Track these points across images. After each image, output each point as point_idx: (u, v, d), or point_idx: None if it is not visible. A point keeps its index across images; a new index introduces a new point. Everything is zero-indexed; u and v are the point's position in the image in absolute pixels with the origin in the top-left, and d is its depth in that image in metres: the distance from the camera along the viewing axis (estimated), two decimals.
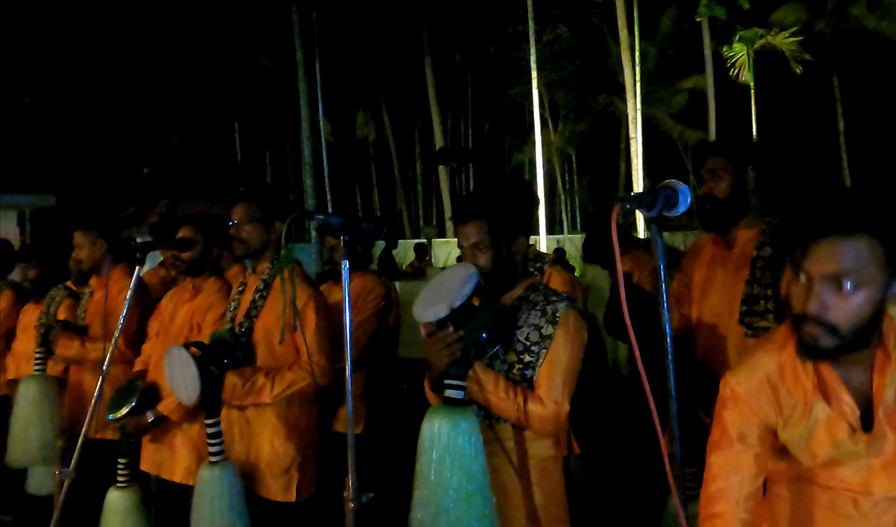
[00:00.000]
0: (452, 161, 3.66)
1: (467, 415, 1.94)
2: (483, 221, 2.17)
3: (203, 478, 2.74)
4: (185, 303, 3.31)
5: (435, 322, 2.03)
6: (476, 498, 1.87)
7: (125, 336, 3.51)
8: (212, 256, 3.30)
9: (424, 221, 35.38)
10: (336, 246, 3.76)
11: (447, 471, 1.87)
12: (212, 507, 2.69)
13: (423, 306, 2.07)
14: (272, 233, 3.04)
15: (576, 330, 2.15)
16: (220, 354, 2.82)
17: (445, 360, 2.00)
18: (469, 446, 1.89)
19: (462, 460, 1.88)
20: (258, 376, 2.82)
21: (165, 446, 3.20)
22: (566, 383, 2.10)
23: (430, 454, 1.90)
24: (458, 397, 1.98)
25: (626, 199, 1.53)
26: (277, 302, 2.90)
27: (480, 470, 1.91)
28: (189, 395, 2.75)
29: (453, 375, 1.98)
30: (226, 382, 2.78)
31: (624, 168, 26.84)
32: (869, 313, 1.46)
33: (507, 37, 26.86)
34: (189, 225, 3.27)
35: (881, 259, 1.44)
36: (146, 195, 19.96)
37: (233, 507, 2.71)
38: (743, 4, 22.78)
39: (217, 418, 2.79)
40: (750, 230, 2.68)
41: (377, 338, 3.76)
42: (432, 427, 1.92)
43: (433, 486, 1.88)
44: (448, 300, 2.00)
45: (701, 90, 24.75)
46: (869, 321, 1.47)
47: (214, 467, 2.75)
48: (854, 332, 1.47)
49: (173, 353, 2.80)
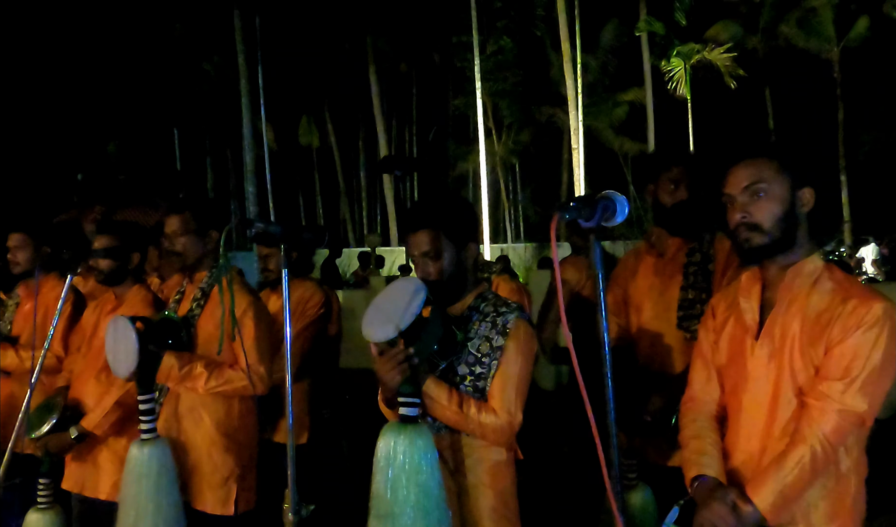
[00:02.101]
0: (397, 169, 3.68)
1: (423, 432, 1.95)
2: (434, 229, 2.16)
3: (132, 456, 2.63)
4: (108, 314, 3.21)
5: (386, 341, 2.01)
6: (433, 514, 1.89)
7: (63, 345, 3.40)
8: (131, 264, 3.21)
9: (368, 230, 35.20)
10: (270, 254, 3.72)
11: (403, 489, 1.88)
12: (139, 485, 2.59)
13: (372, 324, 2.04)
14: (208, 242, 2.97)
15: (526, 341, 2.16)
16: (165, 334, 2.76)
17: (398, 378, 1.99)
18: (425, 463, 1.91)
19: (419, 477, 1.89)
20: (197, 364, 2.76)
21: (89, 463, 3.09)
22: (519, 394, 2.12)
23: (386, 472, 1.91)
24: (413, 414, 1.97)
25: (565, 209, 1.55)
26: (215, 311, 2.84)
27: (437, 486, 1.92)
28: (126, 367, 2.66)
29: (406, 393, 1.98)
30: (163, 362, 2.71)
31: (566, 178, 27.22)
32: (782, 211, 1.84)
33: (451, 47, 27.01)
34: (106, 233, 3.18)
35: (780, 172, 1.84)
36: (80, 202, 19.34)
37: (161, 487, 2.61)
38: (680, 20, 23.49)
39: (151, 395, 2.71)
40: (679, 238, 2.78)
41: (319, 346, 3.73)
42: (388, 445, 1.93)
43: (390, 504, 1.88)
44: (397, 319, 1.98)
45: (640, 103, 25.41)
46: (785, 219, 1.84)
47: (144, 445, 2.65)
48: (776, 228, 1.84)
49: (118, 323, 2.71)
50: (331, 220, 37.23)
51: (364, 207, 36.85)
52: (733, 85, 24.19)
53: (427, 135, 33.60)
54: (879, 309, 1.74)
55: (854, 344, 1.73)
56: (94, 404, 3.05)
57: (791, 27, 24.46)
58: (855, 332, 1.73)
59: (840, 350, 1.74)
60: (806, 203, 1.87)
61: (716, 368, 2.04)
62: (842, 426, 1.73)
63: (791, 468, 1.72)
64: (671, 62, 23.99)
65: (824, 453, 1.72)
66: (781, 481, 1.73)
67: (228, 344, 2.81)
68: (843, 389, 1.72)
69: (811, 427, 1.73)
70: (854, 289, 1.82)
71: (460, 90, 27.51)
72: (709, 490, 1.84)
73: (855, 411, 1.73)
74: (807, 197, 1.87)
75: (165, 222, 2.97)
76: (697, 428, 1.99)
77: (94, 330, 3.23)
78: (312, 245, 2.74)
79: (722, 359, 2.01)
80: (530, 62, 26.82)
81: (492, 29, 25.38)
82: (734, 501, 1.76)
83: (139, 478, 2.60)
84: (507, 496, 2.20)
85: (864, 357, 1.72)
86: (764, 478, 1.76)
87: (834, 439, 1.73)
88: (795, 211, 1.86)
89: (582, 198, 1.60)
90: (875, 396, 1.74)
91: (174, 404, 2.88)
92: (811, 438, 1.72)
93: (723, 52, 23.60)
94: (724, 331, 2.01)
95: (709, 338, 2.07)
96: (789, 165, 1.86)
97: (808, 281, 1.85)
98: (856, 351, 1.73)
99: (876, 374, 1.73)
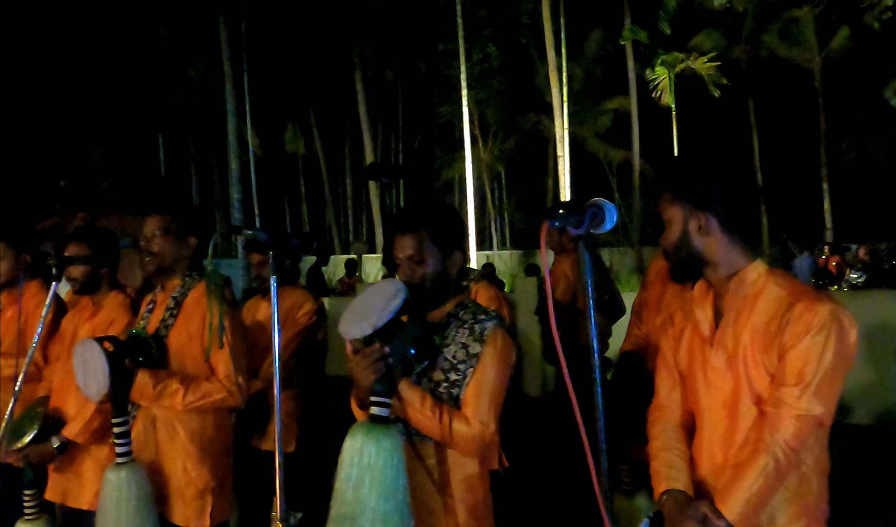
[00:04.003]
0: (383, 177, 3.68)
1: (391, 433, 1.90)
2: (422, 232, 2.14)
3: (108, 480, 2.58)
4: (86, 321, 3.17)
5: (361, 339, 1.98)
6: (394, 518, 1.83)
7: (42, 353, 3.36)
8: (105, 269, 3.17)
9: (354, 237, 35.14)
10: (262, 262, 3.69)
11: (365, 489, 1.83)
12: (117, 510, 2.53)
13: (349, 322, 2.01)
14: (185, 248, 2.89)
15: (503, 349, 2.12)
16: (135, 352, 2.68)
17: (371, 377, 1.95)
18: (390, 466, 1.85)
19: (382, 479, 1.84)
20: (172, 381, 2.68)
21: (72, 473, 3.05)
22: (493, 403, 2.07)
23: (349, 471, 1.86)
24: (384, 414, 1.94)
25: (555, 216, 1.56)
26: (189, 320, 2.78)
27: (401, 490, 1.87)
28: (98, 390, 2.59)
29: (379, 393, 1.94)
30: (136, 381, 2.64)
31: (552, 185, 27.32)
32: (677, 238, 1.93)
33: (437, 54, 27.07)
34: (78, 241, 3.13)
35: (672, 201, 1.93)
36: (63, 208, 19.22)
37: (140, 509, 2.56)
38: (664, 29, 23.68)
39: (125, 417, 2.65)
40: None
41: (309, 354, 3.71)
42: (354, 444, 1.88)
43: (350, 504, 1.83)
44: (375, 316, 1.94)
45: (625, 111, 25.56)
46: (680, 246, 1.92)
47: (121, 469, 2.60)
48: (676, 253, 1.94)
49: (85, 346, 2.64)
50: (316, 227, 37.13)
51: (350, 215, 36.81)
52: (717, 94, 24.40)
53: (413, 142, 33.62)
54: (826, 312, 1.76)
55: (805, 349, 1.76)
56: (76, 413, 3.01)
57: (773, 37, 24.72)
58: (805, 336, 1.76)
59: (792, 355, 1.77)
60: (702, 227, 1.90)
61: (679, 375, 2.07)
62: (801, 431, 1.76)
63: (756, 477, 1.75)
64: (656, 71, 24.17)
65: (787, 460, 1.75)
66: (748, 490, 1.75)
67: (203, 357, 2.77)
68: (799, 395, 1.74)
69: (772, 435, 1.76)
70: (799, 293, 1.83)
71: (446, 98, 27.57)
72: (679, 506, 1.85)
73: (812, 414, 1.75)
74: (702, 222, 1.90)
75: (145, 222, 2.88)
76: (665, 439, 2.00)
77: (73, 338, 3.18)
78: (300, 252, 2.71)
79: (682, 367, 2.05)
80: (516, 70, 26.92)
81: (477, 37, 25.45)
82: (705, 514, 1.78)
83: (117, 502, 2.54)
84: (480, 509, 2.15)
85: (815, 361, 1.75)
86: (730, 489, 1.77)
87: (795, 444, 1.76)
88: (688, 237, 1.91)
89: (570, 204, 1.60)
90: (830, 397, 1.77)
91: (148, 417, 2.81)
92: (773, 445, 1.75)
93: (706, 61, 23.81)
94: (683, 339, 2.04)
95: (670, 346, 2.09)
96: (681, 194, 1.91)
97: (751, 289, 1.87)
98: (807, 356, 1.75)
99: (829, 376, 1.75)
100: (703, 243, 1.90)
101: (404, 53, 28.83)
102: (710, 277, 1.94)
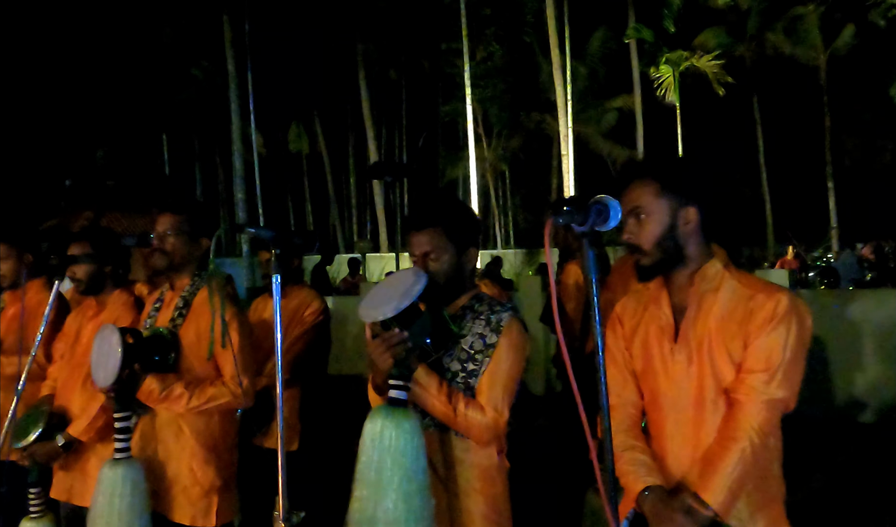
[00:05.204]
0: (387, 176, 3.67)
1: (410, 416, 1.93)
2: (438, 228, 2.17)
3: (104, 475, 2.57)
4: (90, 321, 3.17)
5: (380, 323, 2.01)
6: (415, 499, 1.86)
7: (45, 352, 3.36)
8: (109, 268, 3.16)
9: (358, 236, 35.16)
10: (270, 260, 3.69)
11: (388, 471, 1.86)
12: (111, 506, 2.52)
13: (369, 307, 2.04)
14: (196, 249, 2.89)
15: (518, 340, 2.16)
16: (152, 351, 2.70)
17: (390, 361, 1.98)
18: (411, 447, 1.89)
19: (403, 460, 1.87)
20: (176, 386, 2.68)
21: (77, 471, 3.05)
22: (507, 392, 2.11)
23: (370, 454, 1.89)
24: (402, 397, 1.97)
25: (559, 213, 1.55)
26: (198, 320, 2.78)
27: (421, 471, 1.90)
28: (105, 377, 2.60)
29: (397, 376, 1.98)
30: (143, 384, 2.64)
31: (556, 184, 27.29)
32: (660, 233, 1.91)
33: (440, 53, 27.07)
34: (81, 241, 3.13)
35: (659, 195, 1.92)
36: (68, 207, 19.27)
37: (133, 507, 2.55)
38: (669, 27, 23.62)
39: (128, 413, 2.66)
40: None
41: (315, 353, 3.71)
42: (374, 427, 1.91)
43: (373, 485, 1.86)
44: (395, 301, 1.98)
45: (629, 109, 25.54)
46: (664, 240, 1.91)
47: (117, 465, 2.59)
48: (657, 249, 1.92)
49: (109, 334, 2.63)
50: (320, 226, 37.17)
51: (354, 214, 36.83)
52: (721, 92, 24.33)
53: (417, 141, 33.64)
54: (786, 300, 1.84)
55: (770, 337, 1.82)
56: (80, 411, 3.01)
57: (778, 35, 24.69)
58: (768, 324, 1.83)
59: (758, 344, 1.83)
60: (689, 221, 1.93)
61: (630, 373, 2.06)
62: (771, 415, 1.83)
63: (735, 464, 1.79)
64: (660, 69, 24.12)
65: (761, 444, 1.80)
66: (728, 476, 1.78)
67: (207, 358, 2.76)
68: (768, 380, 1.80)
69: (746, 421, 1.81)
70: (756, 285, 1.91)
71: (450, 96, 27.58)
72: (662, 501, 1.85)
73: (779, 398, 1.82)
74: (690, 216, 1.93)
75: (157, 219, 2.88)
76: (624, 439, 1.99)
77: (77, 337, 3.19)
78: (302, 250, 2.71)
79: (637, 366, 2.04)
80: (519, 69, 26.92)
81: (481, 36, 25.45)
82: (690, 505, 1.79)
83: (111, 498, 2.53)
84: (499, 502, 2.18)
85: (780, 348, 1.81)
86: (711, 477, 1.80)
87: (766, 428, 1.82)
88: (676, 231, 1.93)
89: (574, 201, 1.60)
90: (794, 382, 1.84)
91: (154, 416, 2.81)
92: (748, 430, 1.80)
93: (711, 59, 23.75)
94: (636, 338, 2.04)
95: (619, 345, 2.08)
96: (669, 187, 1.93)
97: (712, 284, 1.93)
98: (772, 344, 1.82)
99: (793, 361, 1.82)
100: (687, 238, 1.94)
101: (408, 52, 28.82)
102: (676, 275, 1.96)
